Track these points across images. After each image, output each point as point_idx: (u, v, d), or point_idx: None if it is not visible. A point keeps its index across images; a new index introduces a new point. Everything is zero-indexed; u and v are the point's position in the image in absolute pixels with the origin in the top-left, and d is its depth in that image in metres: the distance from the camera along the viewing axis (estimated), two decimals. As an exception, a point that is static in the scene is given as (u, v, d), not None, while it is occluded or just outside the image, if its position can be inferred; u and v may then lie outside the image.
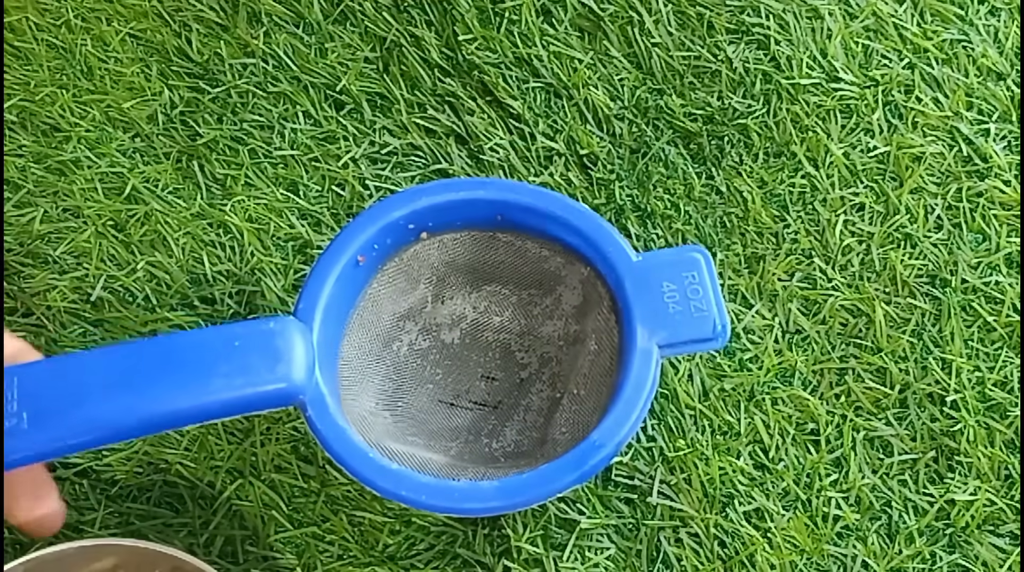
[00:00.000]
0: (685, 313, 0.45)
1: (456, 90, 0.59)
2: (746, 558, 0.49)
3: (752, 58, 0.59)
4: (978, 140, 0.57)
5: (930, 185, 0.57)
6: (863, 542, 0.50)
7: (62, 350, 0.53)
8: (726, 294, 0.54)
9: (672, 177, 0.57)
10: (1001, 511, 0.50)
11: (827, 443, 0.51)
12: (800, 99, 0.58)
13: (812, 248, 0.55)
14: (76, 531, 0.49)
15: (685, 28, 0.60)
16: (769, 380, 0.53)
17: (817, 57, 0.59)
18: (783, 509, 0.50)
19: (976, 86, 0.59)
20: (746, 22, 0.60)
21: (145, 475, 0.51)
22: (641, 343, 0.45)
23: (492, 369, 0.52)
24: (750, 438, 0.52)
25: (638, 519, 0.50)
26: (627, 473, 0.51)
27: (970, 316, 0.54)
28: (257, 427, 0.52)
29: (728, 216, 0.56)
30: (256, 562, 0.49)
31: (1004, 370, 0.53)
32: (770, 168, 0.57)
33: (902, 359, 0.53)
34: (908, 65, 0.59)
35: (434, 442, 0.50)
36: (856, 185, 0.57)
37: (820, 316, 0.54)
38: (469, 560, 0.50)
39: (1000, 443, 0.51)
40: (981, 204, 0.56)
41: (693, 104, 0.58)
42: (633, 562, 0.50)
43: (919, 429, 0.52)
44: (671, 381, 0.52)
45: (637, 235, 0.56)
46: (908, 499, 0.50)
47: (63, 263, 0.55)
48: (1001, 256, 0.55)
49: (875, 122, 0.58)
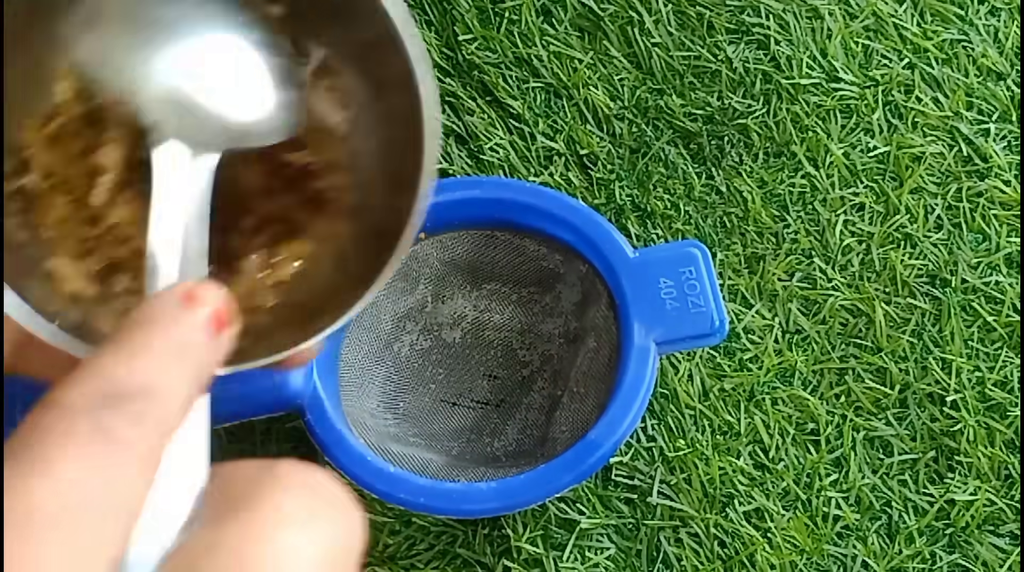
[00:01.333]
0: (682, 309, 0.45)
1: (456, 90, 0.59)
2: (746, 558, 0.49)
3: (752, 58, 0.59)
4: (978, 140, 0.57)
5: (930, 185, 0.57)
6: (863, 542, 0.50)
7: (62, 350, 0.53)
8: (726, 294, 0.54)
9: (672, 177, 0.57)
10: (1001, 511, 0.50)
11: (827, 443, 0.51)
12: (800, 99, 0.58)
13: (812, 248, 0.55)
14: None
15: (685, 28, 0.60)
16: (769, 380, 0.53)
17: (817, 57, 0.59)
18: (783, 509, 0.50)
19: (976, 86, 0.59)
20: (746, 22, 0.60)
21: (145, 475, 0.51)
22: (638, 340, 0.45)
23: (494, 367, 0.52)
24: (750, 438, 0.52)
25: (638, 519, 0.50)
26: (627, 473, 0.51)
27: (970, 316, 0.54)
28: (257, 427, 0.52)
29: (728, 216, 0.56)
30: (255, 562, 0.49)
31: (1004, 370, 0.53)
32: (770, 168, 0.57)
33: (902, 359, 0.53)
34: (908, 65, 0.59)
35: (435, 442, 0.50)
36: (856, 185, 0.57)
37: (820, 316, 0.54)
38: (469, 560, 0.50)
39: (1000, 443, 0.51)
40: (981, 204, 0.56)
41: (693, 104, 0.59)
42: (633, 562, 0.50)
43: (919, 429, 0.52)
44: (671, 381, 0.52)
45: (637, 235, 0.56)
46: (908, 499, 0.50)
47: (63, 263, 0.55)
48: (1001, 256, 0.55)
49: (875, 122, 0.58)
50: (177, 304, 0.23)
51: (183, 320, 0.23)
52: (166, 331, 0.22)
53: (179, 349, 0.22)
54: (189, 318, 0.23)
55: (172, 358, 0.22)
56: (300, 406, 0.44)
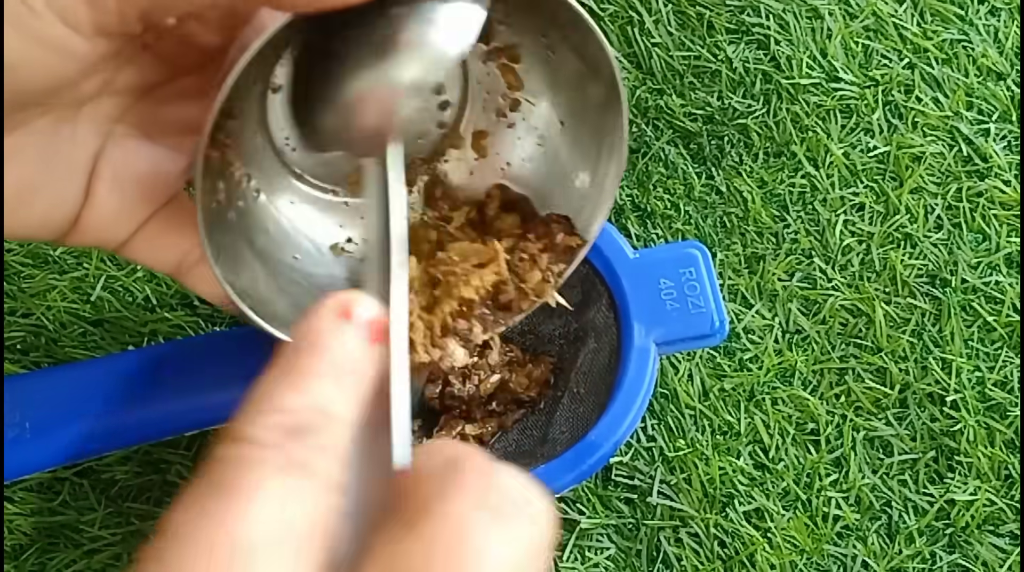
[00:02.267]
0: (682, 310, 0.45)
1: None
2: (746, 558, 0.49)
3: (752, 58, 0.59)
4: (978, 140, 0.57)
5: (930, 185, 0.57)
6: (863, 542, 0.50)
7: (62, 350, 0.53)
8: (726, 294, 0.54)
9: (672, 177, 0.57)
10: (1001, 511, 0.50)
11: (827, 443, 0.51)
12: (800, 99, 0.58)
13: (812, 248, 0.55)
14: (76, 531, 0.49)
15: (685, 28, 0.60)
16: (769, 380, 0.53)
17: (817, 57, 0.59)
18: (783, 509, 0.50)
19: (976, 86, 0.59)
20: (746, 22, 0.60)
21: (145, 475, 0.51)
22: (638, 341, 0.45)
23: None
24: (750, 438, 0.52)
25: (638, 519, 0.50)
26: (627, 473, 0.51)
27: (970, 316, 0.54)
28: (257, 427, 0.52)
29: (728, 216, 0.56)
30: (256, 562, 0.49)
31: (1004, 370, 0.53)
32: (770, 168, 0.57)
33: (902, 359, 0.53)
34: (908, 65, 0.59)
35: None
36: (856, 185, 0.57)
37: (820, 316, 0.54)
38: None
39: (1000, 443, 0.51)
40: (981, 204, 0.56)
41: (693, 104, 0.58)
42: (633, 562, 0.50)
43: (919, 429, 0.52)
44: (671, 381, 0.52)
45: (637, 235, 0.56)
46: (908, 499, 0.50)
47: (63, 263, 0.55)
48: (1001, 256, 0.55)
49: (875, 122, 0.58)
50: (333, 319, 0.24)
51: (341, 337, 0.24)
52: (328, 352, 0.23)
53: (341, 368, 0.23)
54: (346, 334, 0.24)
55: (337, 379, 0.23)
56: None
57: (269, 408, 0.22)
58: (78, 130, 0.29)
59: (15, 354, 0.52)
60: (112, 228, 0.31)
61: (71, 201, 0.30)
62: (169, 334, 0.53)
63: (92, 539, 0.49)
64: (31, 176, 0.29)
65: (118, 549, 0.49)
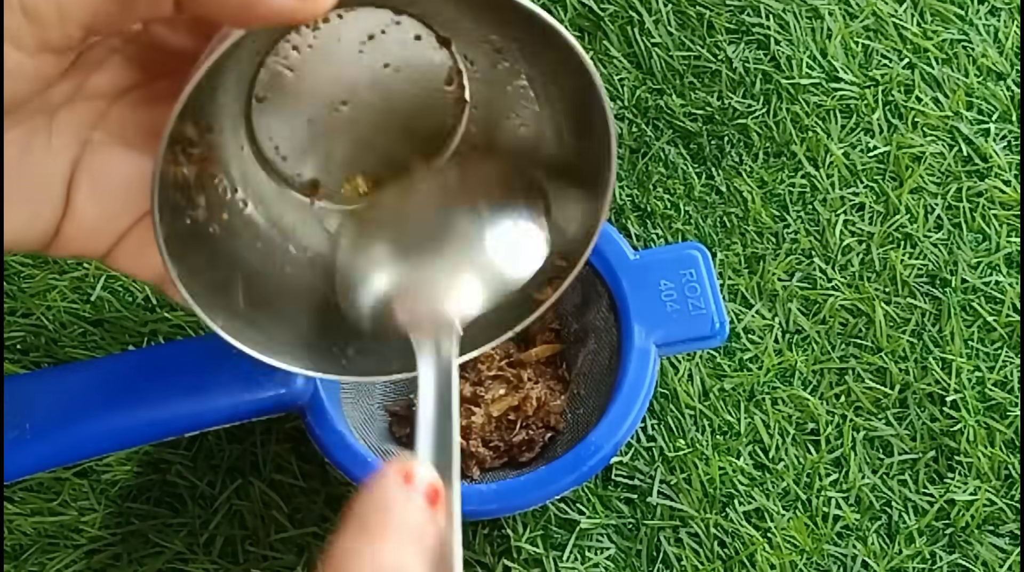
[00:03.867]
0: (683, 311, 0.45)
1: (456, 90, 0.59)
2: (746, 558, 0.49)
3: (752, 58, 0.59)
4: (978, 140, 0.57)
5: (930, 185, 0.57)
6: (863, 542, 0.50)
7: (62, 350, 0.53)
8: (726, 294, 0.54)
9: (672, 177, 0.57)
10: (1001, 511, 0.50)
11: (827, 443, 0.51)
12: (800, 99, 0.58)
13: (812, 248, 0.55)
14: (76, 531, 0.49)
15: (685, 28, 0.60)
16: (769, 380, 0.53)
17: (817, 57, 0.59)
18: (783, 509, 0.50)
19: (976, 86, 0.59)
20: (746, 22, 0.60)
21: (145, 475, 0.51)
22: (639, 342, 0.45)
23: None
24: (750, 438, 0.52)
25: (638, 519, 0.50)
26: (627, 473, 0.51)
27: (970, 316, 0.54)
28: (257, 427, 0.52)
29: (728, 216, 0.56)
30: (256, 562, 0.49)
31: (1004, 370, 0.53)
32: (770, 168, 0.57)
33: (902, 359, 0.53)
34: (908, 65, 0.59)
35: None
36: (856, 185, 0.57)
37: (820, 316, 0.54)
38: (469, 560, 0.50)
39: (1000, 443, 0.51)
40: (981, 204, 0.56)
41: (693, 104, 0.58)
42: (633, 562, 0.50)
43: (919, 429, 0.52)
44: (671, 381, 0.52)
45: (637, 235, 0.56)
46: (908, 499, 0.50)
47: (63, 263, 0.55)
48: (1001, 256, 0.55)
49: (875, 122, 0.58)
50: (399, 484, 0.27)
51: (407, 502, 0.27)
52: (397, 515, 0.26)
53: (409, 529, 0.26)
54: (410, 500, 0.27)
55: (406, 538, 0.26)
56: (300, 407, 0.44)
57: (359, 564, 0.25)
58: (53, 139, 0.29)
59: (15, 354, 0.52)
60: (94, 238, 0.31)
61: (50, 212, 0.29)
62: (169, 334, 0.53)
63: (92, 539, 0.49)
64: (6, 188, 0.28)
65: (118, 549, 0.49)
